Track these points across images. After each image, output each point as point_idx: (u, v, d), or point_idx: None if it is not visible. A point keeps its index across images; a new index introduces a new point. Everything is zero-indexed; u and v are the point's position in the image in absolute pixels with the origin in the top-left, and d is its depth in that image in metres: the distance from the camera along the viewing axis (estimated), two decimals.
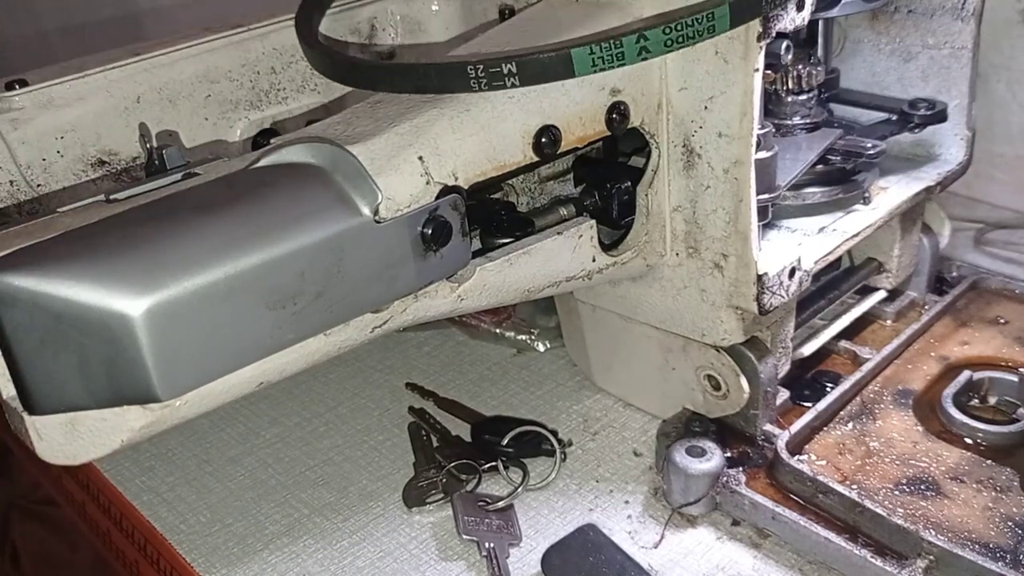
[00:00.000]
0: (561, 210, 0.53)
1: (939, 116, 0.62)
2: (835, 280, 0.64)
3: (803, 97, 0.60)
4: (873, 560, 0.47)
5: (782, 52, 0.51)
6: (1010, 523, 0.49)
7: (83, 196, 0.42)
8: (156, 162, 0.46)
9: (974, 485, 0.51)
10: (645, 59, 0.44)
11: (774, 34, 0.45)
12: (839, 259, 0.60)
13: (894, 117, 0.63)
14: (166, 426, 0.39)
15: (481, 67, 0.43)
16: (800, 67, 0.58)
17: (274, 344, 0.40)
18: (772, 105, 0.60)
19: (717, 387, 0.55)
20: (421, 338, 0.73)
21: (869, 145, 0.59)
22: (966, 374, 0.58)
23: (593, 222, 0.52)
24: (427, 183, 0.43)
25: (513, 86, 0.44)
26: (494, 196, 0.55)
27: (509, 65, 0.43)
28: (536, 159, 0.48)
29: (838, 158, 0.59)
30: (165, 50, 0.61)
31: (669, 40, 0.43)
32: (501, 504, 0.55)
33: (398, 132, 0.44)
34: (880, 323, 0.66)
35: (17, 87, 0.57)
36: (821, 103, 0.62)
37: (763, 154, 0.49)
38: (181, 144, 0.61)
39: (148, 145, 0.59)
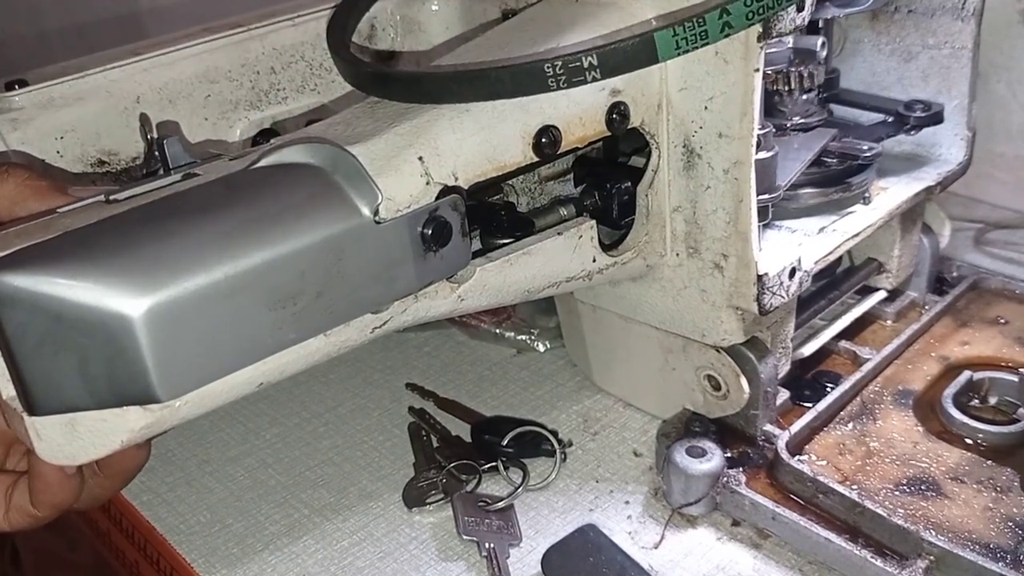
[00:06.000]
0: (561, 210, 0.53)
1: (935, 118, 0.62)
2: (835, 280, 0.64)
3: (804, 97, 0.60)
4: (873, 560, 0.47)
5: (818, 48, 0.51)
6: (1010, 523, 0.49)
7: (83, 196, 0.42)
8: (156, 152, 0.46)
9: (974, 485, 0.51)
10: (727, 35, 0.42)
11: (775, 34, 0.45)
12: (839, 259, 0.60)
13: (890, 119, 0.63)
14: (166, 427, 0.39)
15: (559, 64, 0.42)
16: (801, 67, 0.58)
17: (274, 344, 0.40)
18: (778, 105, 0.60)
19: (717, 387, 0.55)
20: (421, 338, 0.73)
21: (865, 147, 0.59)
22: (966, 374, 0.58)
23: (593, 222, 0.51)
24: (427, 183, 0.43)
25: (594, 80, 0.42)
26: (494, 196, 0.55)
27: (589, 58, 0.42)
28: (536, 159, 0.48)
29: (834, 160, 0.59)
30: (165, 50, 0.61)
31: (751, 12, 0.42)
32: (501, 504, 0.55)
33: (398, 132, 0.44)
34: (880, 323, 0.66)
35: (17, 87, 0.57)
36: (821, 103, 0.62)
37: (763, 154, 0.49)
38: (182, 135, 0.61)
39: (149, 136, 0.58)
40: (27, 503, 0.43)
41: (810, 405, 0.57)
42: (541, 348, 0.70)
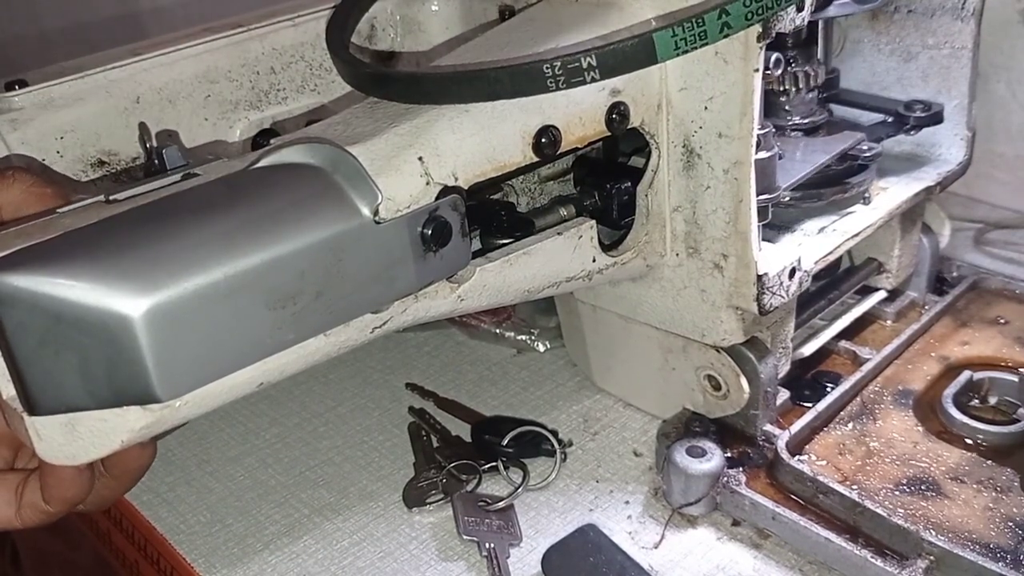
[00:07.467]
0: (561, 210, 0.53)
1: (935, 118, 0.62)
2: (835, 280, 0.64)
3: (806, 97, 0.60)
4: (873, 560, 0.47)
5: (771, 66, 0.50)
6: (1010, 523, 0.49)
7: (83, 197, 0.43)
8: (156, 162, 0.46)
9: (974, 485, 0.51)
10: (726, 35, 0.42)
11: (774, 34, 0.45)
12: (839, 259, 0.60)
13: (890, 119, 0.63)
14: (166, 427, 0.39)
15: (558, 64, 0.42)
16: (801, 67, 0.58)
17: (274, 344, 0.40)
18: (781, 105, 0.60)
19: (717, 387, 0.55)
20: (421, 338, 0.73)
21: (866, 148, 0.59)
22: (966, 374, 0.58)
23: (593, 222, 0.51)
24: (427, 183, 0.43)
25: (593, 80, 0.42)
26: (494, 196, 0.55)
27: (588, 58, 0.42)
28: (536, 159, 0.48)
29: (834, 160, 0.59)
30: (165, 50, 0.61)
31: (750, 12, 0.42)
32: (501, 504, 0.55)
33: (398, 132, 0.44)
34: (880, 323, 0.66)
35: (17, 87, 0.57)
36: (821, 103, 0.62)
37: (763, 154, 0.49)
38: (181, 143, 0.61)
39: (148, 145, 0.59)
40: (39, 500, 0.43)
41: (810, 405, 0.57)
42: (541, 348, 0.70)
